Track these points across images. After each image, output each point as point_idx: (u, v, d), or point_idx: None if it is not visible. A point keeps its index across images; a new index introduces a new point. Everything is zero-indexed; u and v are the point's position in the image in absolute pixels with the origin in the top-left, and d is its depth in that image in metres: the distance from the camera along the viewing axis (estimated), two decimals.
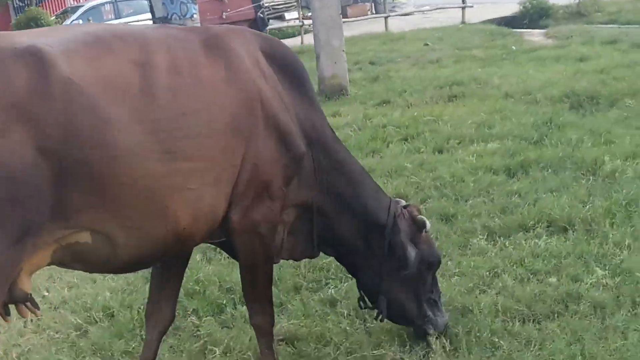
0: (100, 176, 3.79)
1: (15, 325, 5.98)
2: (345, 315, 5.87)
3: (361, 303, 5.37)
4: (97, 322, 6.11)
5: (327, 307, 6.02)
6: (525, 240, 7.01)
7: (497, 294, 6.01)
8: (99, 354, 5.57)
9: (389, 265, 5.12)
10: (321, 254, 5.30)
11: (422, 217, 5.20)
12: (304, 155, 4.70)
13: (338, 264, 5.71)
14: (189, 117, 4.10)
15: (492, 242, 7.08)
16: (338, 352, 5.33)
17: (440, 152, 10.18)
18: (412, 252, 5.09)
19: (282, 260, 5.20)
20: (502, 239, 7.11)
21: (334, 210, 5.02)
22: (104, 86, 3.82)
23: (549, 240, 6.91)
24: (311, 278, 6.63)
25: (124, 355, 5.54)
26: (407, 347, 5.34)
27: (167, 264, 4.82)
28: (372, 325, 5.68)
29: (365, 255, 5.16)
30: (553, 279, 6.19)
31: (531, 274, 6.33)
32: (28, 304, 3.93)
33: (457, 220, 7.68)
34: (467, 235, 7.25)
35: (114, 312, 6.20)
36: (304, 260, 5.58)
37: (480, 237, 7.15)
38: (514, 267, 6.46)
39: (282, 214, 4.75)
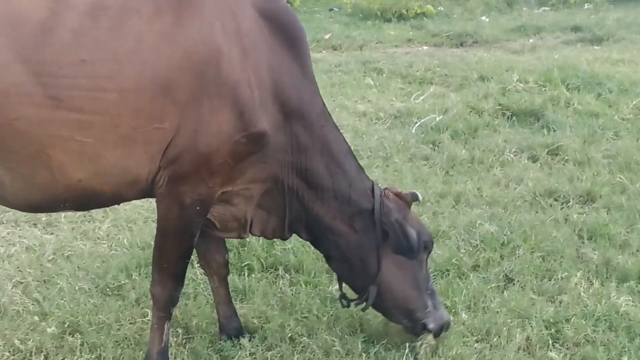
0: None
1: None
2: None
3: (343, 301, 4.99)
4: None
5: None
6: None
7: None
8: None
9: (383, 250, 4.70)
10: None
11: (409, 191, 4.86)
12: (264, 135, 4.29)
13: None
14: (88, 65, 3.87)
15: None
16: None
17: None
18: (411, 230, 4.66)
19: None
20: None
21: (311, 190, 4.64)
22: None
23: None
24: None
25: None
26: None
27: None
28: None
29: (350, 240, 4.74)
30: None
31: None
32: None
33: None
34: None
35: None
36: None
37: None
38: None
39: (238, 189, 4.46)
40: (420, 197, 4.88)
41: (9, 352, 4.82)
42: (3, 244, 6.41)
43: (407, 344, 4.81)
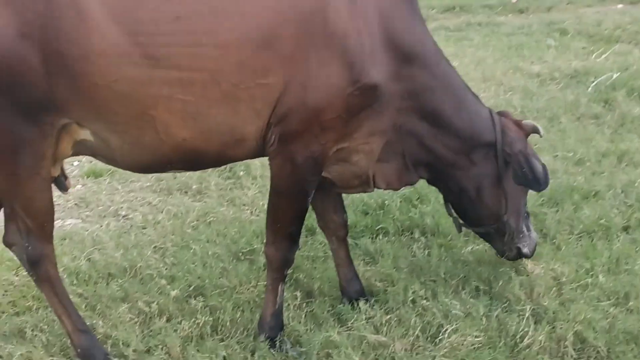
0: (76, 73, 3.77)
1: None
2: None
3: (457, 225, 4.96)
4: None
5: None
6: None
7: None
8: None
9: (504, 183, 4.63)
10: None
11: (528, 121, 4.76)
12: (377, 86, 4.14)
13: None
14: (183, 21, 3.81)
15: None
16: None
17: None
18: (536, 162, 4.57)
19: None
20: None
21: (433, 129, 4.48)
22: None
23: None
24: None
25: None
26: None
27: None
28: None
29: (470, 172, 4.63)
30: None
31: None
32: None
33: None
34: None
35: None
36: None
37: None
38: None
39: (355, 144, 4.33)
40: (542, 131, 4.69)
41: (133, 314, 4.86)
42: (152, 212, 6.53)
43: (528, 307, 4.51)
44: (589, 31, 12.37)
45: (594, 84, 9.10)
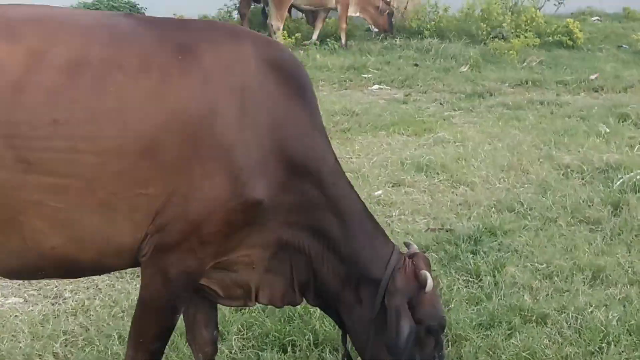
0: None
1: None
2: None
3: None
4: None
5: None
6: None
7: None
8: None
9: (379, 326, 4.27)
10: None
11: (425, 273, 4.21)
12: (261, 202, 3.93)
13: None
14: (61, 126, 3.58)
15: None
16: None
17: None
18: (405, 326, 4.11)
19: None
20: None
21: (319, 252, 4.25)
22: None
23: None
24: None
25: None
26: None
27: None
28: None
29: (353, 310, 4.35)
30: None
31: None
32: None
33: None
34: None
35: None
36: None
37: None
38: None
39: (235, 257, 4.09)
40: (429, 285, 4.13)
41: None
42: (92, 296, 6.30)
43: None
44: None
45: (619, 181, 8.47)
